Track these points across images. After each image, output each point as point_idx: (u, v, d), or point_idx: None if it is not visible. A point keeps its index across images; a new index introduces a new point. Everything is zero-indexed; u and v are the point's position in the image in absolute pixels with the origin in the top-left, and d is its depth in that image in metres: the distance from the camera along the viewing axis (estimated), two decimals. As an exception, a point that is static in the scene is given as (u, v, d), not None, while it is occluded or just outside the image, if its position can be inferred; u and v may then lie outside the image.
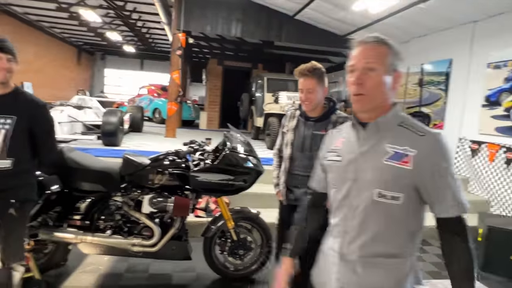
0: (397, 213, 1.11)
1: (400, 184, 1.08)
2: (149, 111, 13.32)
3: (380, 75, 1.09)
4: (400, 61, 1.15)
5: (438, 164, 1.08)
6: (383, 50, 1.11)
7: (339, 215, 1.22)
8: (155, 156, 2.76)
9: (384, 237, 1.13)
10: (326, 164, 1.28)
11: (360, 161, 1.14)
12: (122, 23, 13.93)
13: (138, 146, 6.20)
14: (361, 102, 1.12)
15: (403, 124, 1.14)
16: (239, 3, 8.01)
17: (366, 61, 1.09)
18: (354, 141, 1.18)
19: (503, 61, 5.15)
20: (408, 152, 1.08)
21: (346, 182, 1.17)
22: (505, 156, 4.99)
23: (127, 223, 2.69)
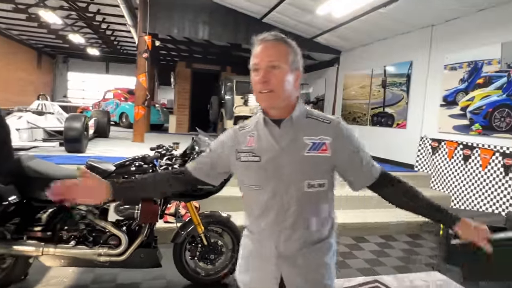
0: (324, 198, 1.22)
1: (323, 171, 1.18)
2: (116, 115, 12.94)
3: (283, 72, 1.13)
4: (301, 59, 1.21)
5: (350, 144, 1.20)
6: (284, 48, 1.16)
7: (268, 217, 1.21)
8: (120, 162, 2.68)
9: (317, 225, 1.21)
10: (241, 165, 1.24)
11: (282, 158, 1.16)
12: (85, 25, 13.47)
13: (104, 152, 6.00)
14: (270, 99, 1.15)
15: (310, 116, 1.22)
16: (205, 6, 7.97)
17: (270, 59, 1.13)
18: (270, 139, 1.19)
19: (458, 63, 5.45)
20: (324, 140, 1.17)
21: (271, 180, 1.17)
22: (462, 153, 5.27)
23: (92, 232, 2.59)
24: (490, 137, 4.86)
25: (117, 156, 5.18)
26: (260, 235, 1.25)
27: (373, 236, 4.44)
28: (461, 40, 5.47)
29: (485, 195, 4.86)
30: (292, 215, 1.18)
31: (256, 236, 1.27)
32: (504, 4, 4.76)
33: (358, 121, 8.15)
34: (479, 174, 4.97)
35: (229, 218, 2.92)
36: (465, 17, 5.41)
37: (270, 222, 1.21)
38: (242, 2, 7.56)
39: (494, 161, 4.76)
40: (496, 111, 4.79)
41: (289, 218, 1.18)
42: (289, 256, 1.20)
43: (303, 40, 8.62)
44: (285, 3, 6.94)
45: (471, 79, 5.22)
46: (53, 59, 20.19)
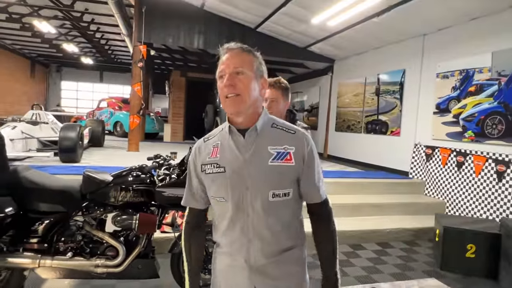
0: (290, 207, 1.23)
1: (287, 181, 1.18)
2: (110, 124, 12.90)
3: (248, 78, 1.15)
4: (264, 69, 1.24)
5: (309, 157, 1.21)
6: (248, 57, 1.19)
7: (235, 230, 1.20)
8: (118, 172, 2.68)
9: (284, 234, 1.22)
10: (207, 178, 1.22)
11: (246, 168, 1.15)
12: (79, 34, 13.49)
13: (99, 162, 5.97)
14: (236, 103, 1.14)
15: (275, 125, 1.23)
16: (200, 16, 8.03)
17: (235, 66, 1.15)
18: (234, 149, 1.18)
19: (450, 71, 5.55)
20: (288, 149, 1.17)
21: (236, 191, 1.16)
22: (456, 160, 5.34)
23: (90, 244, 2.57)
24: (483, 144, 4.94)
25: (113, 166, 5.16)
26: (230, 248, 1.23)
27: (370, 243, 4.45)
28: (452, 49, 5.58)
29: (479, 202, 4.91)
30: (258, 225, 1.17)
31: (225, 250, 1.25)
32: (494, 14, 4.87)
33: (352, 128, 8.22)
34: (473, 180, 5.03)
35: (227, 227, 2.91)
36: (456, 27, 5.52)
37: (237, 235, 1.20)
38: (237, 12, 7.63)
39: (487, 168, 4.82)
40: (488, 118, 4.87)
41: (256, 228, 1.18)
42: (260, 267, 1.20)
43: (297, 49, 8.72)
44: (279, 13, 7.03)
45: (463, 87, 5.31)
46: (47, 68, 20.14)
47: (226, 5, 7.41)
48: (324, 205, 1.28)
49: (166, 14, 7.82)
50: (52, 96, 20.70)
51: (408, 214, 5.21)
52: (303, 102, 11.13)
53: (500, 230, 3.73)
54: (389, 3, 5.45)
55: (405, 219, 5.03)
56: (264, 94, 1.23)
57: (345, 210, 4.88)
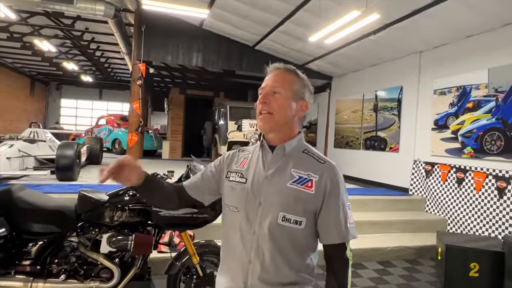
0: (300, 239, 1.14)
1: (302, 208, 1.12)
2: (109, 142, 12.87)
3: (284, 98, 1.17)
4: (308, 91, 1.24)
5: (332, 190, 1.14)
6: (290, 77, 1.21)
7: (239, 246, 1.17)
8: (114, 191, 2.63)
9: (287, 266, 1.13)
10: (228, 185, 1.24)
11: (266, 184, 1.15)
12: (79, 53, 13.63)
13: (96, 180, 5.90)
14: (266, 120, 1.17)
15: (307, 152, 1.21)
16: (199, 34, 8.14)
17: (274, 84, 1.18)
18: (260, 163, 1.20)
19: (447, 87, 5.59)
20: (311, 177, 1.14)
21: (250, 205, 1.16)
22: (456, 176, 5.30)
23: (84, 265, 2.50)
24: (482, 160, 4.91)
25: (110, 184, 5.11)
26: (231, 265, 1.20)
27: (371, 262, 4.36)
28: (449, 66, 5.63)
29: (480, 219, 4.85)
30: (261, 246, 1.13)
31: (226, 267, 1.23)
32: (489, 31, 4.94)
33: (351, 145, 8.21)
34: (474, 197, 4.98)
35: (225, 248, 2.85)
36: (451, 44, 5.59)
37: (239, 252, 1.17)
38: (235, 31, 7.74)
39: (488, 184, 4.78)
40: (486, 134, 4.87)
41: (258, 249, 1.14)
42: None
43: (295, 66, 8.75)
44: (277, 31, 7.12)
45: (460, 103, 5.33)
46: (46, 86, 20.26)
47: (224, 24, 7.52)
48: (341, 249, 1.15)
49: (165, 32, 7.92)
50: (52, 113, 20.76)
51: (409, 231, 5.14)
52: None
53: (503, 248, 3.66)
54: (385, 21, 5.53)
55: (406, 236, 4.96)
56: (301, 114, 1.21)
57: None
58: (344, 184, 1.18)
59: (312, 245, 1.19)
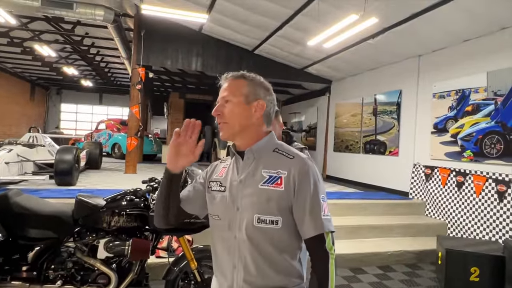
0: (279, 238, 1.13)
1: (275, 207, 1.11)
2: (108, 146, 12.86)
3: (235, 104, 1.18)
4: (263, 89, 1.22)
5: (301, 182, 1.12)
6: (238, 82, 1.21)
7: (224, 253, 1.19)
8: (111, 196, 2.62)
9: (271, 269, 1.12)
10: (210, 195, 1.26)
11: (240, 189, 1.16)
12: (79, 58, 13.67)
13: (95, 185, 5.90)
14: (223, 130, 1.20)
15: (277, 150, 1.20)
16: (198, 39, 8.16)
17: (223, 95, 1.20)
18: (234, 170, 1.21)
19: (446, 91, 5.59)
20: (280, 174, 1.13)
21: (229, 211, 1.17)
22: (455, 180, 5.29)
23: (81, 271, 2.49)
24: (482, 164, 4.90)
25: (109, 189, 5.10)
26: (219, 272, 1.21)
27: (371, 266, 4.34)
28: (448, 69, 5.63)
29: (480, 222, 4.83)
30: (243, 250, 1.14)
31: (216, 273, 1.24)
32: (487, 35, 4.95)
33: (351, 149, 8.20)
34: (474, 201, 4.96)
35: (223, 253, 2.83)
36: (450, 48, 5.60)
37: (225, 258, 1.18)
38: (235, 35, 7.75)
39: (488, 188, 4.76)
40: (486, 137, 4.86)
41: (241, 254, 1.14)
42: None
43: (294, 70, 8.82)
44: (276, 36, 7.14)
45: (459, 106, 5.32)
46: (46, 91, 20.30)
47: (223, 29, 7.54)
48: (318, 241, 1.11)
49: (165, 37, 7.94)
50: (52, 118, 20.78)
51: (409, 235, 5.12)
52: (301, 123, 11.17)
53: (503, 252, 3.64)
54: (383, 25, 5.54)
55: (406, 241, 4.93)
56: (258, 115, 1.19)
57: (345, 232, 4.78)
58: (317, 175, 1.16)
59: (296, 244, 1.17)
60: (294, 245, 1.16)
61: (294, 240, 1.16)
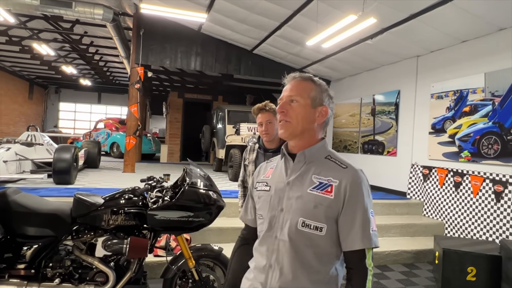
0: (321, 245, 1.13)
1: (322, 214, 1.11)
2: (107, 145, 12.87)
3: (301, 105, 1.19)
4: (327, 97, 1.24)
5: (352, 194, 1.12)
6: (307, 84, 1.22)
7: (263, 249, 1.21)
8: (110, 194, 2.63)
9: (306, 275, 1.12)
10: (255, 194, 1.30)
11: (287, 191, 1.18)
12: (78, 57, 13.65)
13: (94, 184, 5.90)
14: (284, 128, 1.20)
15: (329, 157, 1.20)
16: (198, 38, 8.16)
17: (290, 93, 1.21)
18: (283, 171, 1.22)
19: (444, 91, 5.60)
20: (331, 182, 1.13)
21: (273, 211, 1.19)
22: (453, 180, 5.31)
23: (79, 269, 2.49)
24: (480, 164, 4.92)
25: (107, 188, 5.10)
26: (255, 269, 1.23)
27: (369, 266, 4.34)
28: (446, 70, 5.65)
29: (478, 222, 4.85)
30: (281, 252, 1.15)
31: (252, 268, 1.25)
32: (485, 36, 4.97)
33: (349, 149, 8.22)
34: (471, 201, 4.98)
35: (221, 251, 2.84)
36: (448, 48, 5.62)
37: (263, 257, 1.19)
38: (234, 35, 7.76)
39: (485, 188, 4.78)
40: (483, 138, 4.88)
41: (279, 255, 1.15)
42: None
43: (293, 70, 8.82)
44: (275, 35, 7.15)
45: (457, 107, 5.34)
46: (45, 90, 20.26)
47: (222, 28, 7.54)
48: (359, 256, 1.11)
49: (164, 36, 7.94)
50: (50, 117, 20.74)
51: (406, 235, 5.13)
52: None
53: (500, 252, 3.66)
54: (382, 26, 5.56)
55: (404, 240, 4.95)
56: (321, 120, 1.21)
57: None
58: (368, 190, 1.15)
59: (335, 254, 1.16)
60: (333, 254, 1.15)
61: (334, 249, 1.15)
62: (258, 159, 2.56)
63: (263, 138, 2.54)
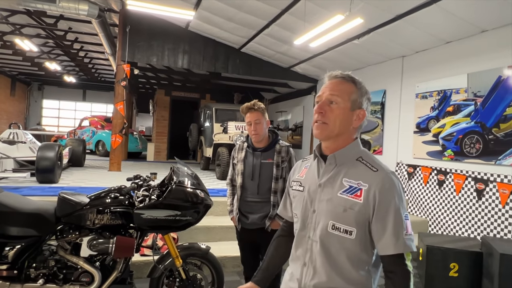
0: (351, 248, 1.13)
1: (352, 218, 1.11)
2: (92, 143, 12.66)
3: (341, 108, 1.16)
4: (366, 100, 1.22)
5: (382, 198, 1.10)
6: (348, 86, 1.19)
7: (297, 250, 1.25)
8: (95, 193, 2.60)
9: (338, 276, 1.13)
10: (291, 193, 1.33)
11: (318, 193, 1.19)
12: (62, 53, 13.37)
13: (78, 182, 5.80)
14: (320, 129, 1.17)
15: (361, 159, 1.19)
16: (185, 36, 8.10)
17: (331, 93, 1.17)
18: (315, 172, 1.23)
19: (428, 91, 5.71)
20: (361, 186, 1.12)
21: (306, 212, 1.22)
22: (437, 178, 5.42)
23: (63, 269, 2.45)
24: (462, 163, 5.04)
25: (92, 187, 5.03)
26: (292, 267, 1.27)
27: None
28: (430, 71, 5.76)
29: (460, 220, 4.97)
30: (315, 252, 1.17)
31: (290, 266, 1.29)
32: (468, 37, 5.08)
33: (336, 147, 8.29)
34: (454, 199, 5.10)
35: (208, 250, 2.84)
36: (433, 49, 5.73)
37: (298, 255, 1.23)
38: (221, 33, 7.73)
39: (467, 186, 4.90)
40: (466, 137, 4.99)
41: (312, 254, 1.18)
42: None
43: (281, 69, 8.85)
44: (263, 34, 7.15)
45: (441, 107, 5.45)
46: (28, 86, 19.78)
47: (210, 26, 7.51)
48: (398, 260, 1.09)
49: (151, 33, 7.86)
50: (33, 114, 20.26)
51: (391, 233, 5.21)
52: (288, 121, 11.23)
53: (481, 248, 3.76)
54: (368, 26, 5.62)
55: None
56: (357, 124, 1.19)
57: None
58: (401, 192, 1.13)
59: (367, 257, 1.15)
60: (365, 257, 1.15)
61: (366, 252, 1.14)
62: (247, 158, 2.56)
63: (252, 138, 2.53)
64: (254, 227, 2.51)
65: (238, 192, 2.56)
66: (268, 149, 2.53)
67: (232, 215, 2.64)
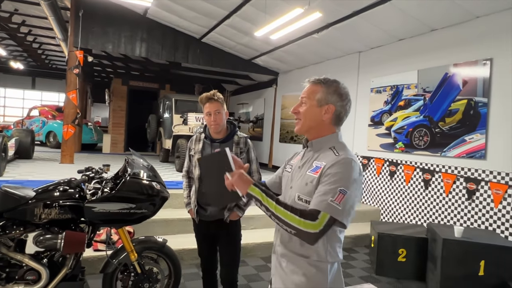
0: None
1: (311, 190, 1.31)
2: (42, 134, 11.92)
3: (308, 107, 1.42)
4: (336, 95, 1.41)
5: (328, 171, 1.28)
6: (315, 88, 1.43)
7: None
8: (43, 186, 2.45)
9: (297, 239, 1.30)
10: (283, 174, 1.57)
11: (296, 172, 1.44)
12: (7, 36, 12.38)
13: (25, 176, 5.45)
14: (298, 125, 1.45)
15: (333, 148, 1.38)
16: (143, 23, 7.81)
17: (302, 96, 1.46)
18: (300, 157, 1.49)
19: (382, 86, 5.96)
20: (321, 165, 1.32)
21: (286, 188, 1.47)
22: (389, 169, 5.71)
23: (6, 268, 2.30)
24: (412, 154, 5.34)
25: (41, 180, 4.75)
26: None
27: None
28: (384, 66, 6.01)
29: (409, 208, 5.28)
30: None
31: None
32: (419, 35, 5.35)
33: (295, 140, 8.45)
34: (404, 188, 5.40)
35: (165, 243, 2.79)
36: (386, 46, 5.97)
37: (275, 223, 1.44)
38: (181, 22, 7.54)
39: (416, 176, 5.21)
40: (415, 130, 5.29)
41: None
42: (278, 255, 1.42)
43: (242, 61, 8.82)
44: (224, 25, 7.07)
45: (393, 101, 5.72)
46: (-32, 72, 18.15)
47: (169, 14, 7.29)
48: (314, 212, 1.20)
49: (106, 19, 7.49)
50: (-26, 102, 18.68)
51: (347, 222, 5.42)
52: (249, 113, 11.25)
53: (426, 234, 4.02)
54: (327, 20, 5.74)
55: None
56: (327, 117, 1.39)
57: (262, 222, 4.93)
58: (350, 172, 1.25)
59: None
60: None
61: None
62: (205, 150, 2.51)
63: (211, 128, 2.49)
64: (213, 218, 2.50)
65: (196, 184, 2.52)
66: (226, 140, 2.51)
67: (189, 208, 2.60)
